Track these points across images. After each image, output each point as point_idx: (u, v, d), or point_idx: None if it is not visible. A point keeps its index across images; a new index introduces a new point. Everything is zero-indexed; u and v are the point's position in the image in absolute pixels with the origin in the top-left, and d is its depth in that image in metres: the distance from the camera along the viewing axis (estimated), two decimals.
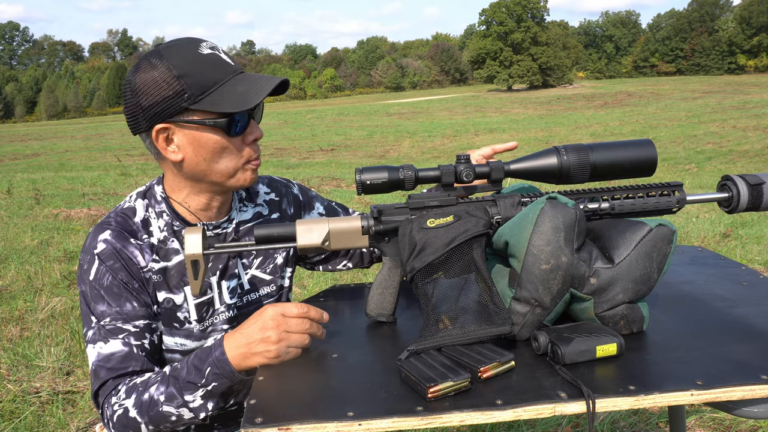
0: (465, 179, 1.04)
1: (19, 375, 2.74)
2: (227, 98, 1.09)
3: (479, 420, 0.82)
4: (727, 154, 14.73)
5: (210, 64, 1.10)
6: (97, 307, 1.14)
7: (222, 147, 1.13)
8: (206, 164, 1.14)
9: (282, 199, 1.37)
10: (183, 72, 1.08)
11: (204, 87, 1.08)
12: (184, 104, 1.08)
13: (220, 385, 1.04)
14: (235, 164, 1.16)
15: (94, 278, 1.15)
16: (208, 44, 1.13)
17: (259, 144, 1.20)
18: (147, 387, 1.07)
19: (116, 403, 1.08)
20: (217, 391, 1.05)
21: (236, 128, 1.12)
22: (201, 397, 1.05)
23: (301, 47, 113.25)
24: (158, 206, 1.22)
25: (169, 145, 1.14)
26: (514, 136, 21.36)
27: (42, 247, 5.16)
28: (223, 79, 1.10)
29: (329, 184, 10.61)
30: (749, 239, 4.97)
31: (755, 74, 65.66)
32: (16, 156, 20.55)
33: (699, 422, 2.26)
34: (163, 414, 1.05)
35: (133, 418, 1.06)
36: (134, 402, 1.07)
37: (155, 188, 1.23)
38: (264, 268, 1.31)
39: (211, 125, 1.10)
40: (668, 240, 1.01)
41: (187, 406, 1.05)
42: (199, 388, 1.04)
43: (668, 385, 0.85)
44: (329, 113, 39.22)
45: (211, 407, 1.07)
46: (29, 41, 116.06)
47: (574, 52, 68.48)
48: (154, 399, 1.05)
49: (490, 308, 0.98)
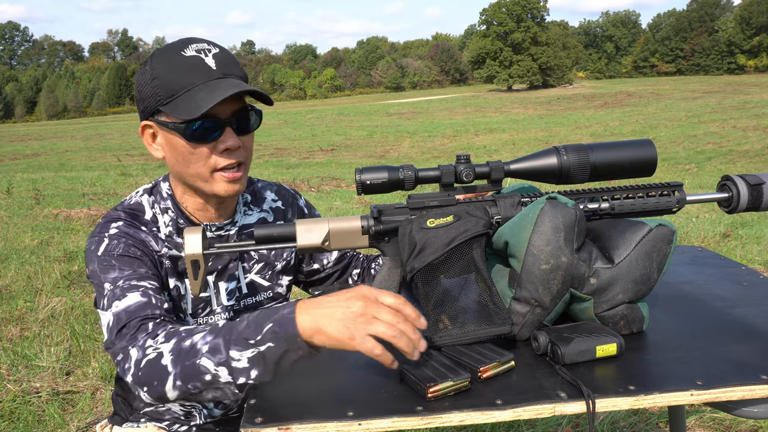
0: (465, 179, 1.04)
1: (19, 375, 2.74)
2: (185, 104, 1.07)
3: (479, 420, 0.82)
4: (727, 154, 14.74)
5: (185, 67, 1.08)
6: (108, 276, 1.09)
7: (188, 152, 1.11)
8: (180, 166, 1.14)
9: (288, 209, 1.37)
10: (158, 74, 1.09)
11: (172, 91, 1.08)
12: (156, 105, 1.10)
13: (275, 348, 0.88)
14: (201, 171, 1.13)
15: (103, 252, 1.11)
16: (199, 46, 1.11)
17: (236, 154, 1.13)
18: (191, 334, 0.95)
19: (150, 346, 0.97)
20: (270, 357, 0.88)
21: (195, 135, 1.09)
22: (249, 359, 0.89)
23: (301, 47, 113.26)
24: (164, 203, 1.22)
25: (154, 142, 1.17)
26: (514, 136, 21.38)
27: (42, 247, 5.16)
28: (193, 84, 1.08)
29: (329, 184, 10.61)
30: (749, 239, 4.97)
31: (755, 74, 65.67)
32: (16, 156, 20.55)
33: (699, 422, 2.26)
34: (198, 368, 0.91)
35: (164, 366, 0.93)
36: (172, 347, 0.94)
37: (161, 185, 1.24)
38: (263, 274, 1.31)
39: (173, 128, 1.10)
40: (668, 240, 1.01)
41: (228, 365, 0.89)
42: (251, 347, 0.89)
43: (668, 385, 0.85)
44: (329, 113, 39.22)
45: (254, 376, 0.90)
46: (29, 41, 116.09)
47: (574, 52, 68.50)
48: (195, 348, 0.92)
49: (490, 308, 0.98)
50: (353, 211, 7.41)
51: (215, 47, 1.13)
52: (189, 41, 1.12)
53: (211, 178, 1.14)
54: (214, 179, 1.14)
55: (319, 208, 7.53)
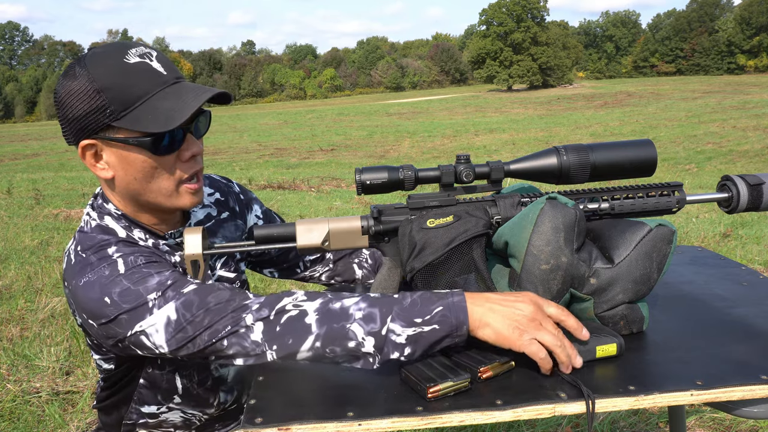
0: (465, 179, 1.04)
1: (19, 375, 2.74)
2: (151, 115, 0.98)
3: (479, 420, 0.82)
4: (727, 154, 14.74)
5: (136, 75, 0.99)
6: (149, 285, 0.97)
7: (151, 167, 1.03)
8: (138, 184, 1.05)
9: (227, 198, 1.31)
10: (104, 85, 0.98)
11: (127, 103, 0.98)
12: (107, 121, 0.99)
13: (438, 331, 0.89)
14: (168, 185, 1.06)
15: (126, 269, 0.99)
16: (139, 51, 1.02)
17: (200, 159, 1.08)
18: (340, 298, 0.94)
19: (289, 304, 0.93)
20: (428, 339, 0.89)
21: (165, 147, 1.02)
22: (409, 336, 0.89)
23: (301, 47, 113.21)
24: (120, 223, 1.10)
25: (98, 162, 1.04)
26: (514, 136, 21.38)
27: (42, 247, 5.16)
28: (149, 92, 0.99)
29: (329, 184, 10.61)
30: (749, 239, 4.97)
31: (755, 74, 65.67)
32: (16, 156, 20.55)
33: (699, 422, 2.26)
34: (346, 332, 0.90)
35: (307, 325, 0.91)
36: (319, 306, 0.92)
37: (106, 206, 1.11)
38: (228, 267, 1.28)
39: (135, 144, 1.00)
40: (668, 240, 1.01)
41: (379, 336, 0.89)
42: (415, 325, 0.89)
43: (668, 385, 0.85)
44: (329, 113, 39.21)
45: (407, 353, 0.90)
46: (29, 41, 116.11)
47: (574, 52, 68.49)
48: (347, 312, 0.91)
49: None
50: (353, 211, 7.41)
51: (152, 49, 1.06)
52: (123, 46, 1.02)
53: (176, 192, 1.07)
54: (179, 193, 1.07)
55: (319, 208, 7.53)
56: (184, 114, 0.98)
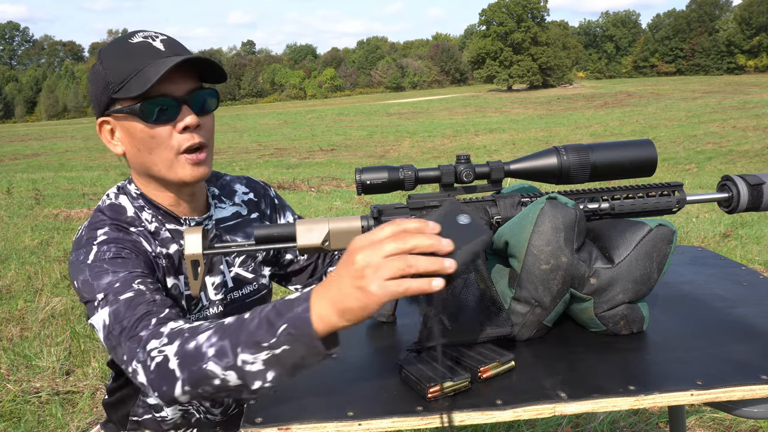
0: (465, 179, 1.03)
1: (19, 375, 2.74)
2: (136, 83, 1.04)
3: (479, 420, 0.82)
4: (727, 154, 14.74)
5: (134, 52, 1.06)
6: (101, 282, 1.02)
7: (149, 136, 1.08)
8: (142, 156, 1.11)
9: (260, 200, 1.35)
10: (108, 64, 1.08)
11: (122, 76, 1.05)
12: (109, 94, 1.07)
13: (293, 350, 0.80)
14: (165, 156, 1.10)
15: (93, 259, 1.05)
16: (145, 34, 1.10)
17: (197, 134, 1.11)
18: (195, 334, 0.87)
19: (155, 348, 0.90)
20: (286, 361, 0.81)
21: (155, 116, 1.06)
22: (264, 361, 0.81)
23: (301, 47, 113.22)
24: (136, 202, 1.18)
25: (113, 138, 1.13)
26: (514, 136, 21.38)
27: (42, 247, 5.16)
28: (144, 64, 1.05)
29: (329, 184, 10.61)
30: (749, 239, 4.97)
31: (755, 74, 65.67)
32: (16, 156, 20.55)
33: (699, 422, 2.26)
34: (205, 373, 0.84)
35: (171, 370, 0.86)
36: (177, 350, 0.87)
37: (128, 187, 1.20)
38: (246, 266, 1.30)
39: (129, 112, 1.07)
40: (668, 240, 1.01)
41: (238, 369, 0.82)
42: (264, 350, 0.81)
43: (668, 385, 0.85)
44: (329, 113, 39.21)
45: (271, 378, 0.82)
46: (29, 41, 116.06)
47: (574, 52, 68.51)
48: (201, 351, 0.85)
49: (490, 309, 0.98)
50: (353, 211, 7.41)
51: (162, 35, 1.12)
52: (136, 32, 1.11)
53: (176, 161, 1.10)
54: (178, 162, 1.10)
55: (319, 208, 7.53)
56: (158, 72, 1.02)
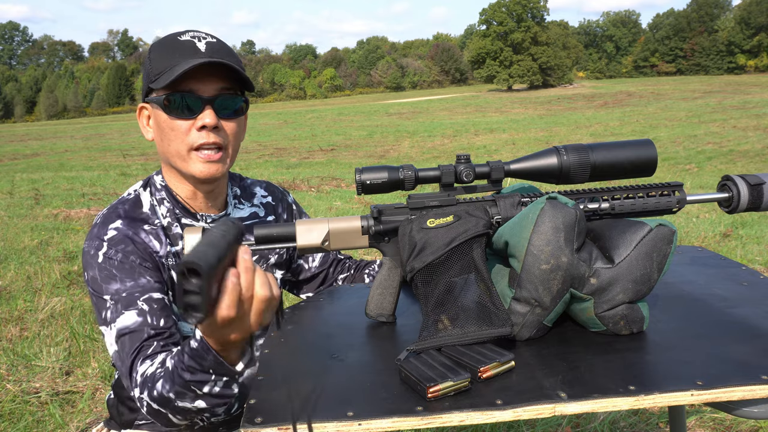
0: (465, 179, 1.04)
1: (19, 375, 2.74)
2: (167, 76, 1.11)
3: (479, 420, 0.82)
4: (728, 154, 14.73)
5: (176, 48, 1.13)
6: (110, 287, 1.10)
7: (169, 127, 1.14)
8: (163, 145, 1.17)
9: (278, 204, 1.39)
10: (153, 56, 1.15)
11: (160, 68, 1.13)
12: (148, 83, 1.15)
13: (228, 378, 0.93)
14: (179, 148, 1.15)
15: (103, 259, 1.12)
16: (194, 34, 1.16)
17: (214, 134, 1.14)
18: (155, 383, 0.99)
19: (138, 398, 1.02)
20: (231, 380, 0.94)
21: (177, 109, 1.12)
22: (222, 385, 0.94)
23: (302, 47, 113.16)
24: (158, 194, 1.23)
25: (148, 124, 1.21)
26: (514, 136, 21.38)
27: (42, 247, 5.16)
28: (180, 61, 1.11)
29: (329, 184, 10.60)
30: (749, 239, 4.97)
31: (755, 74, 65.66)
32: (16, 156, 20.53)
33: (699, 422, 2.26)
34: (182, 409, 0.97)
35: (157, 410, 0.99)
36: (152, 396, 0.99)
37: (155, 177, 1.26)
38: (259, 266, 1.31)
39: (155, 102, 1.14)
40: (668, 240, 1.01)
41: (203, 397, 0.94)
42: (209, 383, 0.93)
43: (668, 385, 0.85)
44: (329, 113, 39.20)
45: (235, 388, 0.96)
46: (29, 41, 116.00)
47: (574, 52, 68.51)
48: (165, 397, 0.97)
49: (490, 309, 0.98)
50: (353, 211, 7.41)
51: (212, 37, 1.16)
52: (187, 30, 1.18)
53: (188, 156, 1.15)
54: (190, 158, 1.15)
55: (319, 208, 7.53)
56: (183, 69, 1.08)
